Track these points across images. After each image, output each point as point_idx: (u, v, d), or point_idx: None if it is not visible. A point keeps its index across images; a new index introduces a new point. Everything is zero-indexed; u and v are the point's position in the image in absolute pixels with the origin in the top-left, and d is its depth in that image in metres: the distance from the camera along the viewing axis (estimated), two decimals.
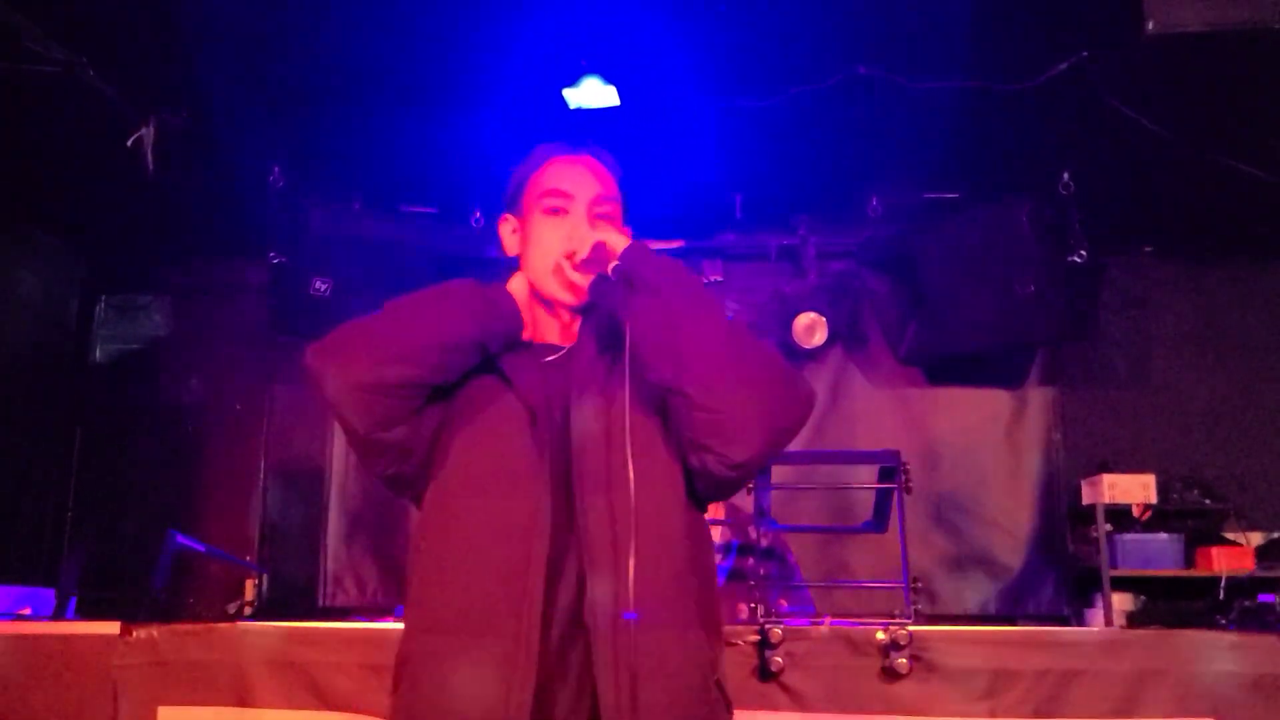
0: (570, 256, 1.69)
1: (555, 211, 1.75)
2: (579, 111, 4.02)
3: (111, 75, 3.83)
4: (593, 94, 3.93)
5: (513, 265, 1.83)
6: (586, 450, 1.59)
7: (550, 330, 1.77)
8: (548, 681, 1.50)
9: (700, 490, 1.64)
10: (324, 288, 4.66)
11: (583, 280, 1.69)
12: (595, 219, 1.74)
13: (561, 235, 1.71)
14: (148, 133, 4.03)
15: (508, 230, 1.84)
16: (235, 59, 3.75)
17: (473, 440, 1.64)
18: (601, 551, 1.53)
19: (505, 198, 1.84)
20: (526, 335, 1.76)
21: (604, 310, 1.73)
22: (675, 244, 5.24)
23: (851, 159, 4.60)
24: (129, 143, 4.05)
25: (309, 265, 4.63)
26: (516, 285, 1.76)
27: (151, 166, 4.11)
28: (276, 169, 4.57)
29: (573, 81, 3.90)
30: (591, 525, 1.54)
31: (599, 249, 1.65)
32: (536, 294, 1.77)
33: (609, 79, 3.89)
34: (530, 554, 1.52)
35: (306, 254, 4.65)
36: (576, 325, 1.77)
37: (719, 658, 1.64)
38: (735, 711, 2.39)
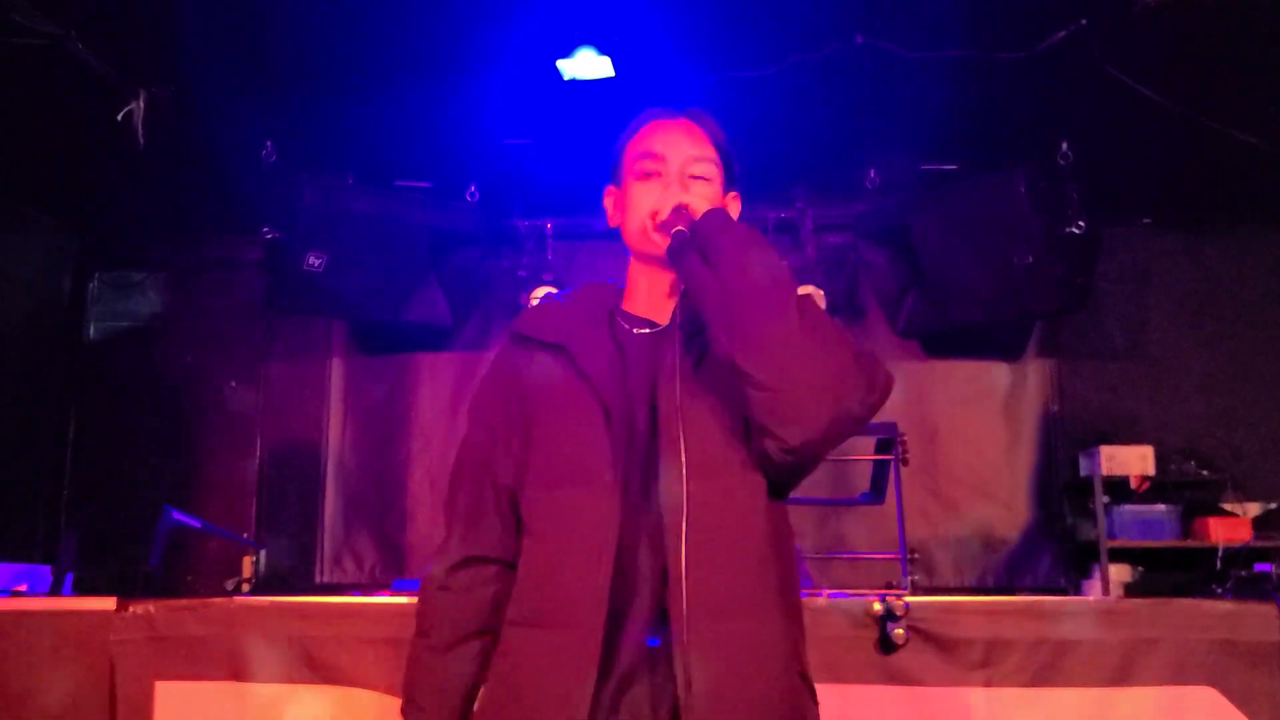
0: (654, 216, 1.65)
1: (648, 175, 1.70)
2: (573, 83, 3.99)
3: (101, 49, 3.80)
4: (587, 65, 3.90)
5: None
6: (670, 439, 1.55)
7: (644, 300, 1.74)
8: (630, 674, 1.50)
9: (769, 476, 1.60)
10: (318, 263, 4.64)
11: (662, 242, 1.64)
12: (689, 180, 1.70)
13: (653, 198, 1.67)
14: (138, 107, 4.00)
15: (610, 202, 1.80)
16: (226, 31, 3.71)
17: (551, 435, 1.63)
18: (673, 541, 1.50)
19: (609, 170, 1.80)
20: (627, 305, 1.74)
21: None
22: None
23: (848, 130, 4.58)
24: (119, 117, 4.02)
25: (303, 240, 4.61)
26: None
27: (142, 141, 4.08)
28: (269, 144, 4.53)
29: (567, 53, 3.87)
30: (677, 519, 1.51)
31: (679, 211, 1.61)
32: (637, 260, 1.74)
33: (603, 50, 3.86)
34: (601, 551, 1.51)
35: (300, 229, 4.62)
36: (677, 295, 1.72)
37: (801, 646, 1.61)
38: None
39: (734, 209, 1.79)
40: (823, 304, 5.08)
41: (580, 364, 1.63)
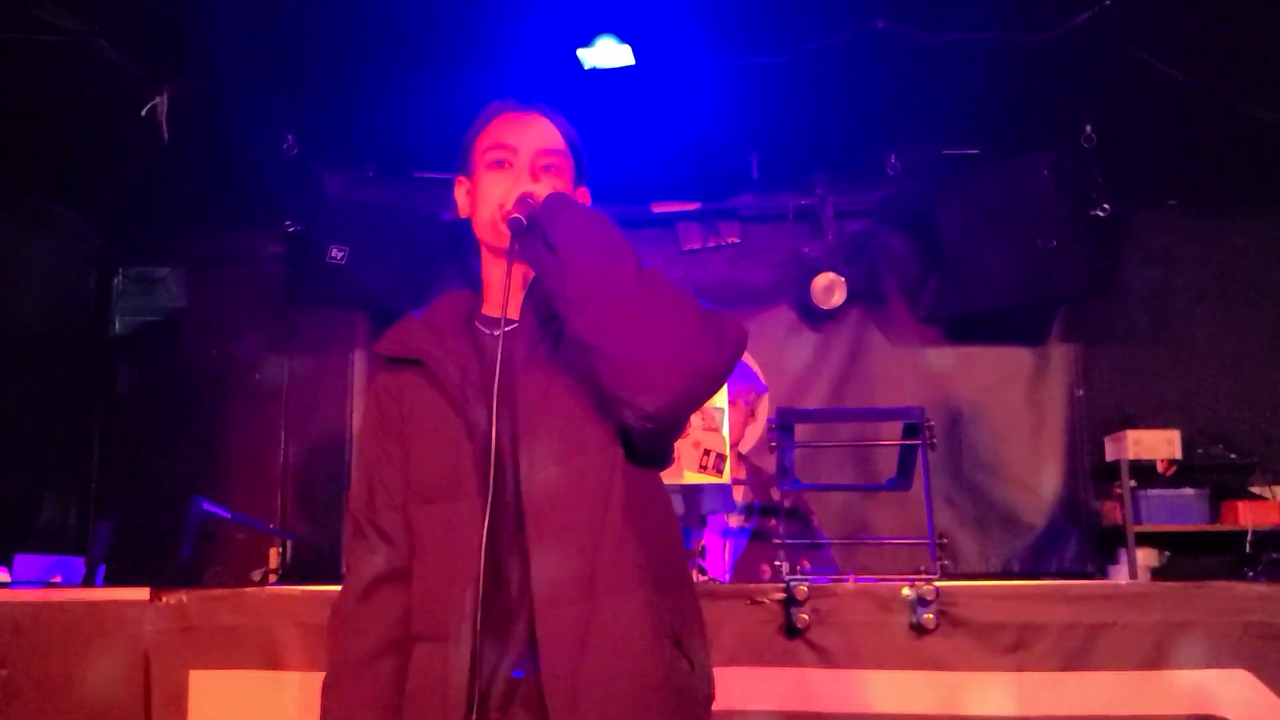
0: (501, 207, 1.66)
1: (499, 165, 1.73)
2: (593, 72, 3.99)
3: (124, 45, 3.81)
4: (607, 54, 3.90)
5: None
6: (526, 431, 1.60)
7: (498, 297, 1.74)
8: (518, 669, 1.54)
9: (638, 447, 1.63)
10: (340, 255, 4.65)
11: (508, 232, 1.65)
12: (539, 172, 1.72)
13: (503, 188, 1.69)
14: (161, 102, 4.01)
15: (461, 192, 1.82)
16: (246, 25, 3.71)
17: (421, 451, 1.67)
18: (543, 532, 1.55)
19: (458, 161, 1.82)
20: (485, 308, 1.77)
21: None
22: (691, 206, 5.20)
23: (869, 116, 4.55)
24: (143, 113, 4.04)
25: (324, 233, 4.63)
26: None
27: (166, 136, 4.10)
28: (290, 137, 4.55)
29: (587, 41, 3.86)
30: (526, 504, 1.56)
31: (524, 200, 1.61)
32: (488, 254, 1.77)
33: (623, 38, 3.85)
34: (468, 559, 1.54)
35: (322, 222, 4.64)
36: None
37: (679, 617, 1.63)
38: (761, 669, 2.41)
39: (583, 202, 1.81)
40: (844, 291, 5.08)
41: (438, 378, 1.66)
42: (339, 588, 1.74)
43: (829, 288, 5.08)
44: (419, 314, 1.80)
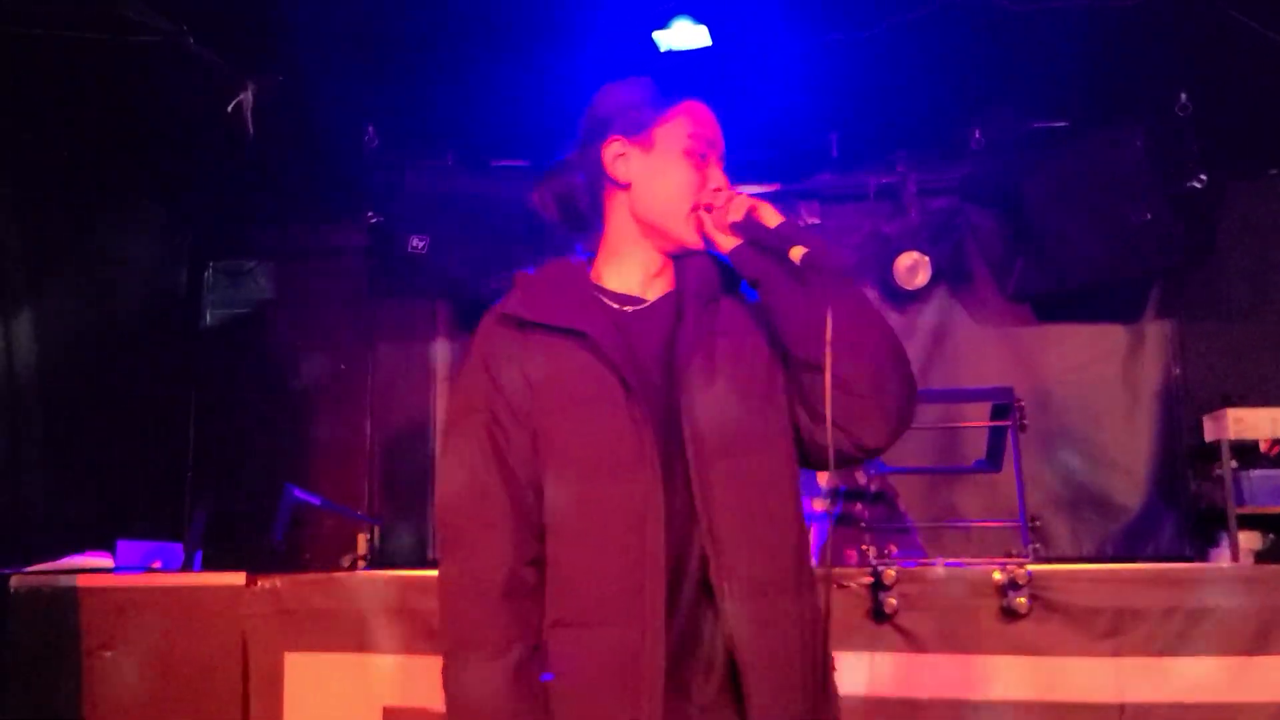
0: (708, 208, 1.62)
1: (698, 156, 1.67)
2: (670, 54, 3.96)
3: (210, 41, 3.90)
4: (683, 35, 3.87)
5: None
6: (699, 415, 1.53)
7: (631, 274, 1.68)
8: (679, 659, 1.49)
9: (810, 458, 1.62)
10: (421, 245, 4.71)
11: (726, 241, 1.61)
12: (725, 178, 1.70)
13: (698, 182, 1.65)
14: (247, 97, 4.10)
15: (613, 153, 1.69)
16: (325, 18, 3.77)
17: (566, 418, 1.56)
18: (724, 522, 1.50)
19: (622, 121, 1.69)
20: (603, 281, 1.69)
21: (721, 268, 1.66)
22: (770, 187, 5.15)
23: (952, 90, 4.44)
24: (229, 108, 4.13)
25: (405, 224, 4.70)
26: None
27: (251, 131, 4.18)
28: (370, 128, 4.61)
29: (663, 24, 3.84)
30: (716, 496, 1.50)
31: (751, 216, 1.59)
32: (643, 232, 1.68)
33: (699, 19, 3.82)
34: (647, 540, 1.48)
35: (403, 213, 4.71)
36: (665, 272, 1.69)
37: (821, 615, 1.60)
38: (849, 654, 2.40)
39: None
40: (928, 271, 4.99)
41: (604, 350, 1.55)
42: (426, 573, 1.71)
43: (913, 267, 4.99)
44: (540, 277, 1.69)
